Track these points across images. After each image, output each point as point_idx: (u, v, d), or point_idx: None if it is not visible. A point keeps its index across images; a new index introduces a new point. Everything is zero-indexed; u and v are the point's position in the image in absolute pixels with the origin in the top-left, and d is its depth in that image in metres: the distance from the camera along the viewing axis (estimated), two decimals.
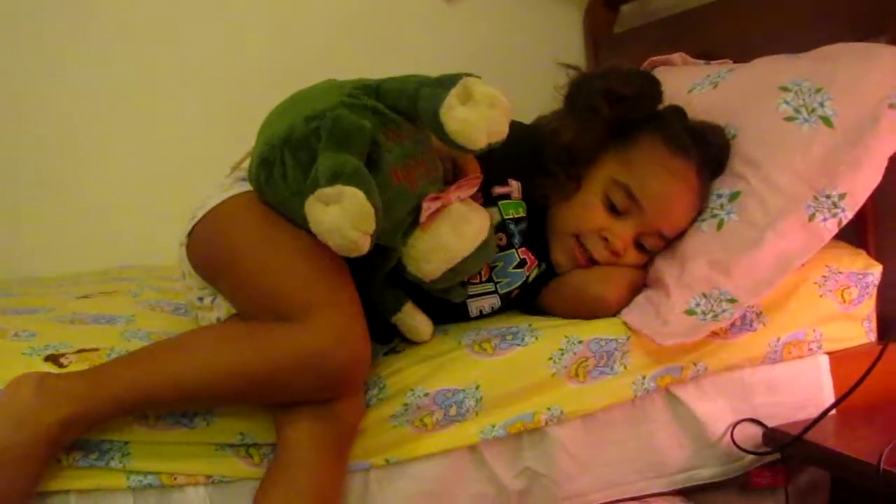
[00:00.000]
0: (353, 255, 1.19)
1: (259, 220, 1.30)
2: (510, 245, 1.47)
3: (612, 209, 1.45)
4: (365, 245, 1.16)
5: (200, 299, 1.39)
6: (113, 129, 2.30)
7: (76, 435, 1.17)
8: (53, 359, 1.28)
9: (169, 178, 2.25)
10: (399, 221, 1.27)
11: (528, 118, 1.58)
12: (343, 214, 1.13)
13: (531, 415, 1.35)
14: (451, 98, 1.17)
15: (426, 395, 1.32)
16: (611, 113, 1.44)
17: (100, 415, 1.17)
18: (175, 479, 1.26)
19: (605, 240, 1.45)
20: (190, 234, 1.36)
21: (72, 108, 2.27)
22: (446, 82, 1.20)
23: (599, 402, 1.38)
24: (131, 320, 1.50)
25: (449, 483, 1.34)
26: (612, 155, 1.46)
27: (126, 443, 1.24)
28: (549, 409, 1.36)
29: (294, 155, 1.24)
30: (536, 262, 1.49)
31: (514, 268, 1.47)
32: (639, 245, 1.47)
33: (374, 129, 1.22)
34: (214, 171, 1.52)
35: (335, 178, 1.14)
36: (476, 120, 1.17)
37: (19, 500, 1.13)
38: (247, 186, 1.35)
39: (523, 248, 1.48)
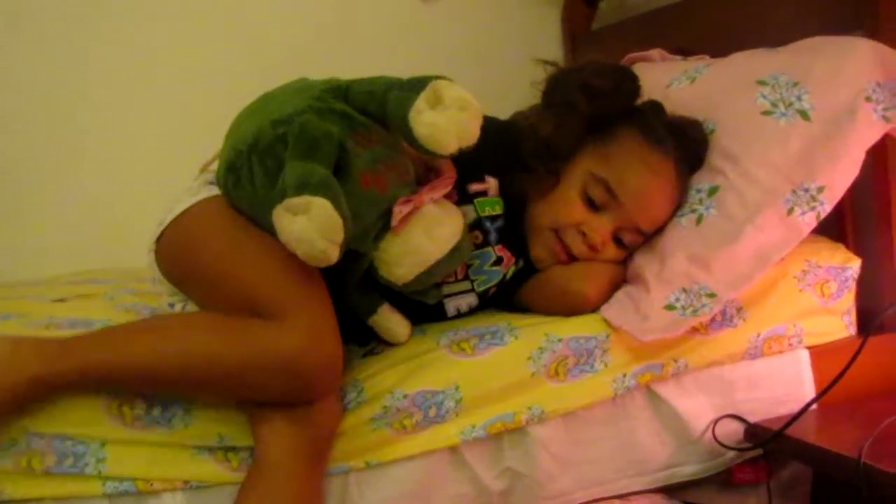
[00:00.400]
0: (323, 265, 1.18)
1: (227, 225, 1.29)
2: (486, 243, 1.46)
3: (591, 204, 1.44)
4: (334, 255, 1.15)
5: (171, 305, 1.38)
6: (106, 128, 2.28)
7: (41, 396, 1.19)
8: None
9: (156, 175, 2.23)
10: (369, 226, 1.26)
11: (506, 116, 1.57)
12: (311, 225, 1.12)
13: (511, 414, 1.34)
14: (420, 102, 1.16)
15: (405, 396, 1.30)
16: (589, 108, 1.44)
17: (67, 382, 1.19)
18: (151, 485, 1.24)
19: (584, 234, 1.44)
20: (158, 239, 1.34)
21: (68, 108, 2.25)
22: (415, 85, 1.18)
23: (580, 400, 1.37)
24: (108, 325, 1.47)
25: (429, 484, 1.33)
26: (590, 150, 1.46)
27: (102, 444, 1.23)
28: (529, 408, 1.35)
29: (261, 161, 1.23)
30: (514, 260, 1.48)
31: (490, 265, 1.46)
32: (617, 240, 1.46)
33: (342, 135, 1.20)
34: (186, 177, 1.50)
35: (302, 187, 1.12)
36: (445, 124, 1.16)
37: None
38: (215, 190, 1.34)
39: (500, 246, 1.47)
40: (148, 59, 2.30)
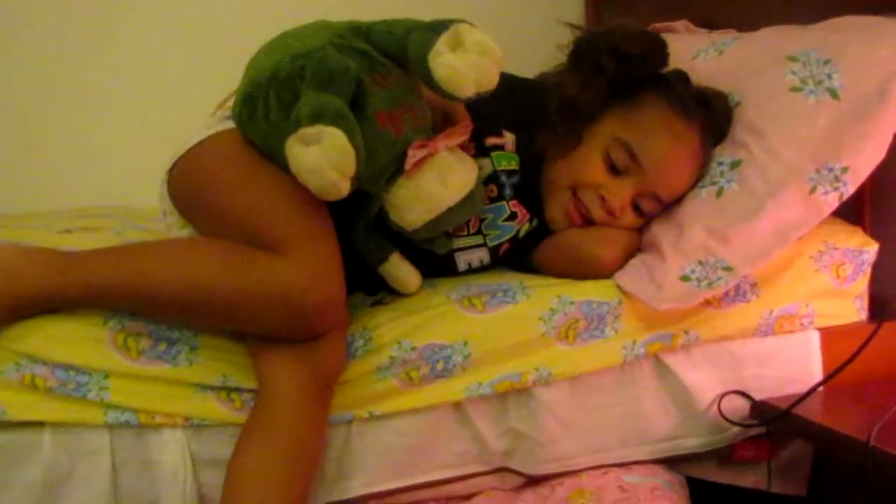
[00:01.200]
0: (333, 199, 1.17)
1: (239, 157, 1.28)
2: (501, 197, 1.45)
3: (612, 168, 1.42)
4: (344, 188, 1.14)
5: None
6: (99, 71, 2.24)
7: (41, 306, 1.20)
8: None
9: (156, 122, 2.21)
10: (382, 167, 1.25)
11: (527, 75, 1.55)
12: (323, 155, 1.11)
13: (518, 375, 1.33)
14: (440, 44, 1.15)
15: (413, 349, 1.29)
16: (616, 71, 1.42)
17: (68, 294, 1.20)
18: (153, 418, 1.23)
19: (602, 199, 1.42)
20: (171, 170, 1.33)
21: (70, 46, 2.22)
22: (437, 27, 1.17)
23: (588, 364, 1.37)
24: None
25: (432, 439, 1.33)
26: (614, 113, 1.44)
27: (105, 375, 1.22)
28: (536, 369, 1.34)
29: (278, 94, 1.21)
30: (528, 217, 1.47)
31: (504, 220, 1.45)
32: (636, 208, 1.45)
33: (360, 72, 1.19)
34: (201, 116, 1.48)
35: (316, 118, 1.12)
36: (464, 67, 1.15)
37: None
38: (231, 125, 1.33)
39: (514, 201, 1.46)
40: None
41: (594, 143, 1.43)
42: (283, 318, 1.17)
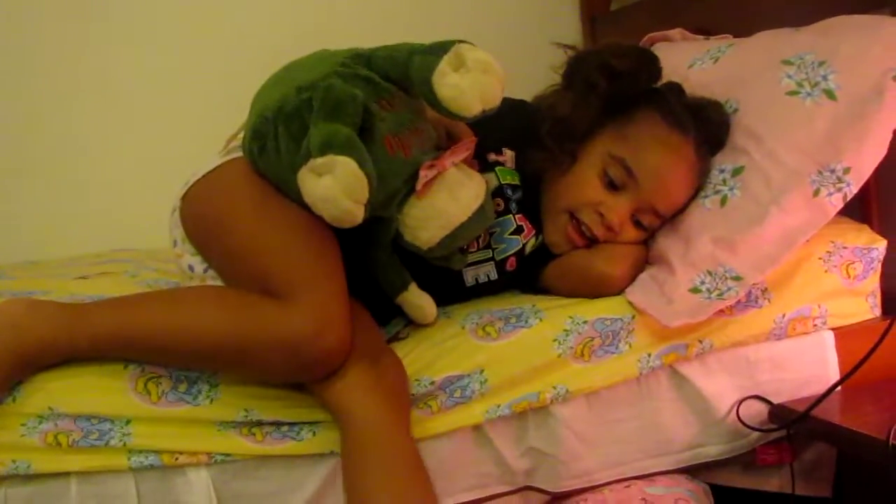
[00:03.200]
0: (347, 226, 1.18)
1: (252, 190, 1.29)
2: (507, 210, 1.46)
3: (609, 185, 1.43)
4: (359, 215, 1.15)
5: (191, 267, 1.37)
6: (110, 113, 2.28)
7: (49, 360, 1.21)
8: None
9: (166, 163, 2.22)
10: (394, 191, 1.26)
11: (524, 97, 1.57)
12: (335, 184, 1.12)
13: (536, 394, 1.34)
14: (443, 65, 1.17)
15: (432, 383, 1.31)
16: (608, 88, 1.43)
17: (77, 346, 1.21)
18: (176, 458, 1.25)
19: (601, 215, 1.43)
20: (184, 197, 1.35)
21: (70, 92, 2.24)
22: (438, 49, 1.19)
23: (604, 380, 1.37)
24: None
25: (454, 462, 1.34)
26: (608, 130, 1.45)
27: (127, 421, 1.23)
28: (553, 387, 1.35)
29: (287, 126, 1.23)
30: (533, 232, 1.48)
31: (510, 234, 1.47)
32: (636, 222, 1.46)
33: (366, 99, 1.21)
34: (209, 154, 1.50)
35: (326, 148, 1.13)
36: (469, 86, 1.16)
37: None
38: (240, 155, 1.35)
39: (520, 215, 1.47)
40: (147, 43, 2.30)
41: (590, 161, 1.45)
42: (290, 365, 1.19)
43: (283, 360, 1.18)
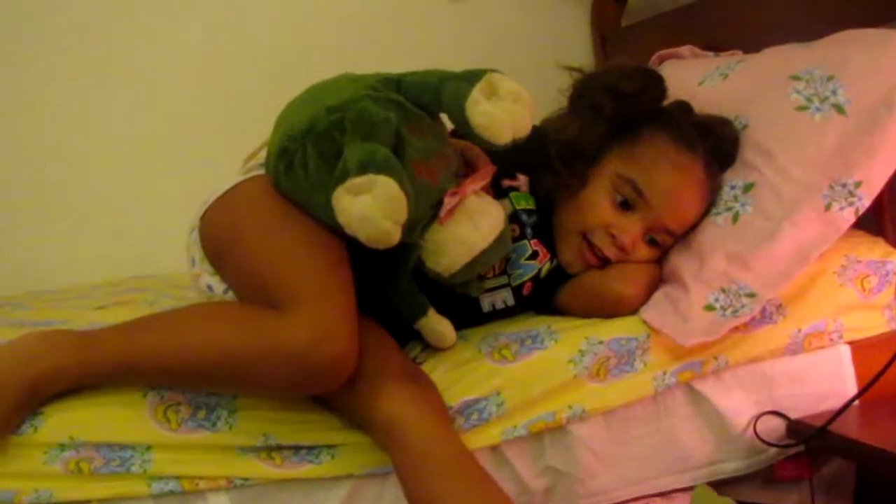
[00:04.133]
0: (383, 247, 1.17)
1: (265, 205, 1.31)
2: (522, 236, 1.47)
3: (619, 205, 1.44)
4: (396, 235, 1.16)
5: (210, 287, 1.38)
6: (116, 138, 2.31)
7: (64, 386, 1.23)
8: None
9: (175, 184, 2.25)
10: (420, 217, 1.27)
11: (536, 114, 1.57)
12: (375, 203, 1.12)
13: (552, 414, 1.35)
14: (476, 93, 1.18)
15: (450, 407, 1.31)
16: (614, 110, 1.44)
17: (86, 373, 1.23)
18: (197, 484, 1.26)
19: (613, 236, 1.44)
20: (202, 217, 1.37)
21: (73, 117, 2.28)
22: (470, 77, 1.20)
23: (620, 398, 1.38)
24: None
25: None
26: (616, 152, 1.46)
27: (148, 448, 1.25)
28: (570, 407, 1.35)
29: (317, 146, 1.23)
30: (548, 256, 1.49)
31: (526, 259, 1.48)
32: (650, 240, 1.46)
33: (398, 122, 1.22)
34: (219, 176, 1.52)
35: (365, 167, 1.13)
36: (501, 115, 1.18)
37: None
38: (261, 171, 1.37)
39: (535, 240, 1.48)
40: (150, 61, 2.33)
41: (599, 183, 1.45)
42: (294, 376, 1.18)
43: (285, 370, 1.17)
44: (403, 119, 1.24)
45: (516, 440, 1.35)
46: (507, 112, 1.18)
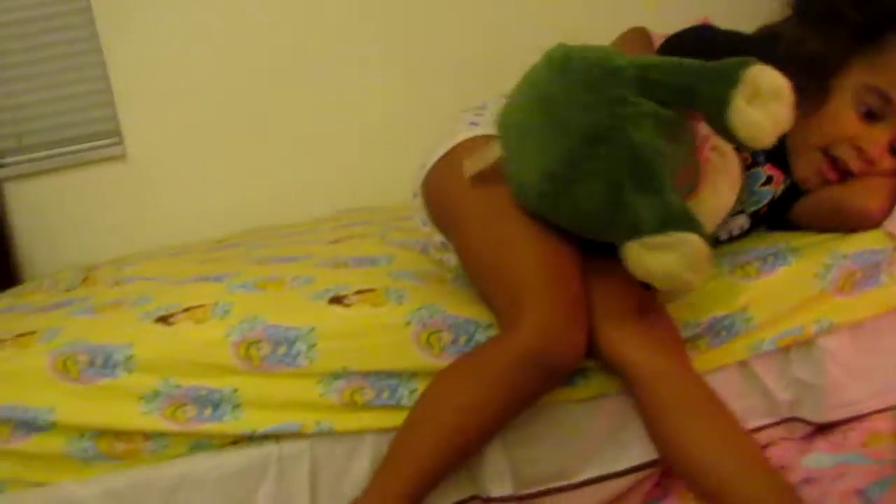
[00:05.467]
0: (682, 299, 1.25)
1: (489, 190, 1.32)
2: (755, 163, 1.47)
3: (864, 116, 1.41)
4: (697, 285, 1.16)
5: (444, 244, 1.45)
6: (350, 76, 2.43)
7: None
8: (337, 300, 1.39)
9: (399, 118, 2.34)
10: None
11: None
12: (683, 261, 1.13)
13: (800, 328, 1.37)
14: (739, 100, 1.13)
15: (699, 325, 1.35)
16: (857, 16, 1.39)
17: None
18: None
19: (860, 149, 1.41)
20: (424, 183, 1.42)
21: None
22: (727, 75, 1.14)
23: (867, 311, 1.39)
24: (392, 260, 1.60)
25: (721, 397, 1.37)
26: (860, 60, 1.41)
27: (413, 375, 1.35)
28: (817, 321, 1.37)
29: (587, 184, 1.20)
30: (783, 178, 1.49)
31: (760, 185, 1.48)
32: (893, 150, 1.43)
33: (664, 146, 1.19)
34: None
35: (665, 225, 1.13)
36: (765, 121, 1.13)
37: None
38: (477, 130, 1.40)
39: (768, 165, 1.47)
40: None
41: (843, 95, 1.41)
42: (539, 377, 1.23)
43: (531, 375, 1.22)
44: (661, 132, 1.19)
45: (763, 355, 1.38)
46: (770, 116, 1.13)
